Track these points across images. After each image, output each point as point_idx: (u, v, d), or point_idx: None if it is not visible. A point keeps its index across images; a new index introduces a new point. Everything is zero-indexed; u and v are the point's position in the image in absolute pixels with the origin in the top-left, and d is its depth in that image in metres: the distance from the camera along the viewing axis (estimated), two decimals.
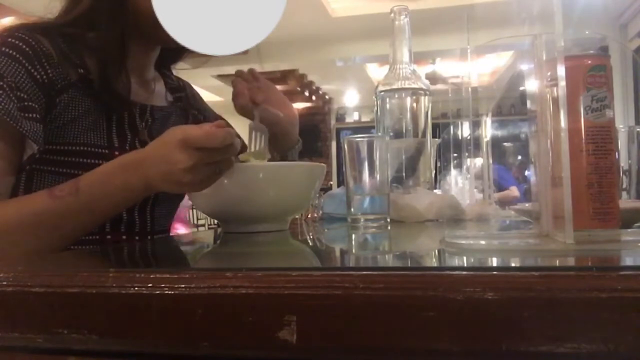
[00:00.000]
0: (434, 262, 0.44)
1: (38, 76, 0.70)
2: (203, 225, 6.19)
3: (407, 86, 0.97)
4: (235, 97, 0.85)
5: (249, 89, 0.85)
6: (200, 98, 1.04)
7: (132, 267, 0.37)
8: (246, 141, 1.08)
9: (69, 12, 0.77)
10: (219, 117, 1.05)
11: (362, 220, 0.75)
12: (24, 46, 0.71)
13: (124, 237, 0.79)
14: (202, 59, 0.91)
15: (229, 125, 1.05)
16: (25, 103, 0.68)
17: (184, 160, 0.60)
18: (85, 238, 0.75)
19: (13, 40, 0.71)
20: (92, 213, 0.66)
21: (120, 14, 0.75)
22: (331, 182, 6.00)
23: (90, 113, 0.75)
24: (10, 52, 0.69)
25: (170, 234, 0.95)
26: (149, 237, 0.83)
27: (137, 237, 0.81)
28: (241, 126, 0.81)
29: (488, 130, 0.80)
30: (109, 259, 0.56)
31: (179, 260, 0.56)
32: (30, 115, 0.68)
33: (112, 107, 0.77)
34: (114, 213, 0.70)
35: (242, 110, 0.85)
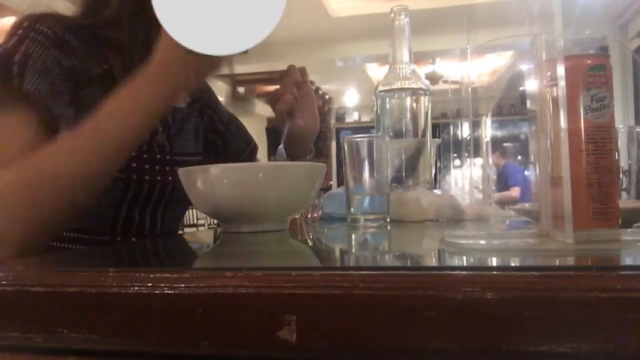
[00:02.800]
0: (433, 262, 0.44)
1: (66, 62, 0.71)
2: (203, 225, 6.20)
3: (407, 86, 0.97)
4: (276, 100, 0.85)
5: (295, 98, 0.84)
6: (215, 96, 1.04)
7: (132, 267, 0.37)
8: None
9: (94, 12, 0.77)
10: (231, 116, 1.04)
11: (361, 220, 0.75)
12: (51, 34, 0.71)
13: (133, 239, 0.79)
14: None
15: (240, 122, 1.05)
16: (56, 85, 0.68)
17: None
18: (94, 238, 0.75)
19: (41, 27, 0.71)
20: (116, 129, 0.63)
21: (146, 13, 0.75)
22: (331, 182, 6.00)
23: None
24: (39, 38, 0.70)
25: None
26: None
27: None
28: (249, 123, 0.80)
29: (488, 130, 0.80)
30: (109, 259, 0.56)
31: (178, 259, 0.56)
32: (61, 98, 0.68)
33: None
34: (139, 127, 0.66)
35: (277, 113, 0.85)
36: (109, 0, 0.76)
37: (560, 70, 0.41)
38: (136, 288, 0.33)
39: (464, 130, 0.62)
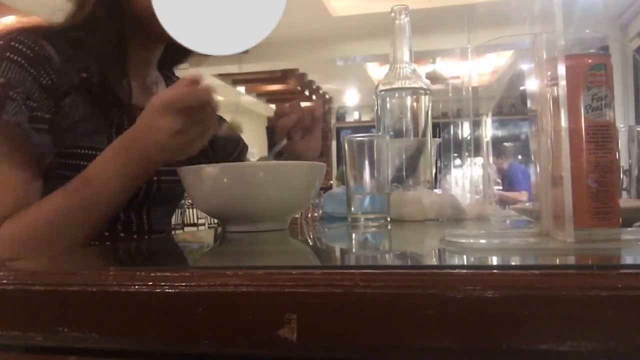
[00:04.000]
0: (434, 261, 0.44)
1: (44, 81, 0.71)
2: (203, 224, 6.20)
3: (407, 85, 0.97)
4: (281, 116, 0.86)
5: (299, 120, 0.86)
6: None
7: (132, 266, 0.37)
8: (248, 142, 1.09)
9: (74, 16, 0.77)
10: (221, 119, 1.05)
11: (362, 220, 0.75)
12: (28, 51, 0.70)
13: (121, 234, 0.79)
14: (201, 58, 0.91)
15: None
16: (35, 113, 0.69)
17: (168, 125, 0.61)
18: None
19: (17, 45, 0.70)
20: (107, 199, 0.67)
21: (118, 15, 0.75)
22: (331, 182, 6.00)
23: (92, 117, 0.75)
24: (16, 58, 0.69)
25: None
26: (146, 237, 0.83)
27: (135, 236, 0.81)
28: (249, 123, 0.81)
29: (488, 130, 0.80)
30: (110, 258, 0.56)
31: (179, 258, 0.56)
32: (40, 126, 0.69)
33: (113, 111, 0.77)
34: (127, 194, 0.70)
35: (278, 125, 0.86)
36: (85, 3, 0.76)
37: (561, 69, 0.41)
38: (137, 287, 0.33)
39: (465, 130, 0.62)
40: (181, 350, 0.33)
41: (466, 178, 0.77)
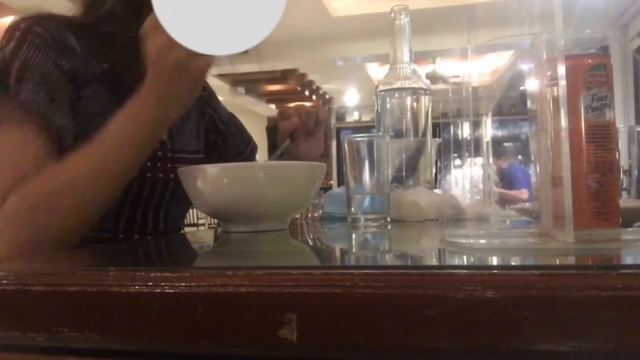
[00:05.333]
0: (434, 261, 0.44)
1: (65, 67, 0.71)
2: (203, 224, 6.20)
3: (407, 86, 0.97)
4: (284, 119, 0.86)
5: (302, 123, 0.86)
6: (215, 95, 1.04)
7: (132, 266, 0.37)
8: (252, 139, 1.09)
9: (91, 11, 0.77)
10: (231, 115, 1.05)
11: (362, 220, 0.75)
12: (49, 37, 0.71)
13: (136, 236, 0.79)
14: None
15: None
16: (55, 94, 0.69)
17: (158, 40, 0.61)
18: (97, 236, 0.75)
19: (39, 30, 0.71)
20: (120, 159, 0.65)
21: (136, 7, 0.75)
22: (331, 182, 6.00)
23: (112, 109, 0.75)
24: (37, 41, 0.70)
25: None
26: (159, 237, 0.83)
27: (149, 237, 0.81)
28: (249, 123, 0.81)
29: (488, 130, 0.80)
30: (110, 258, 0.56)
31: (179, 259, 0.56)
32: (59, 107, 0.69)
33: None
34: (143, 151, 0.68)
35: (281, 127, 0.86)
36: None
37: (561, 69, 0.41)
38: (137, 287, 0.33)
39: (465, 130, 0.62)
40: (181, 350, 0.33)
41: (466, 178, 0.77)
